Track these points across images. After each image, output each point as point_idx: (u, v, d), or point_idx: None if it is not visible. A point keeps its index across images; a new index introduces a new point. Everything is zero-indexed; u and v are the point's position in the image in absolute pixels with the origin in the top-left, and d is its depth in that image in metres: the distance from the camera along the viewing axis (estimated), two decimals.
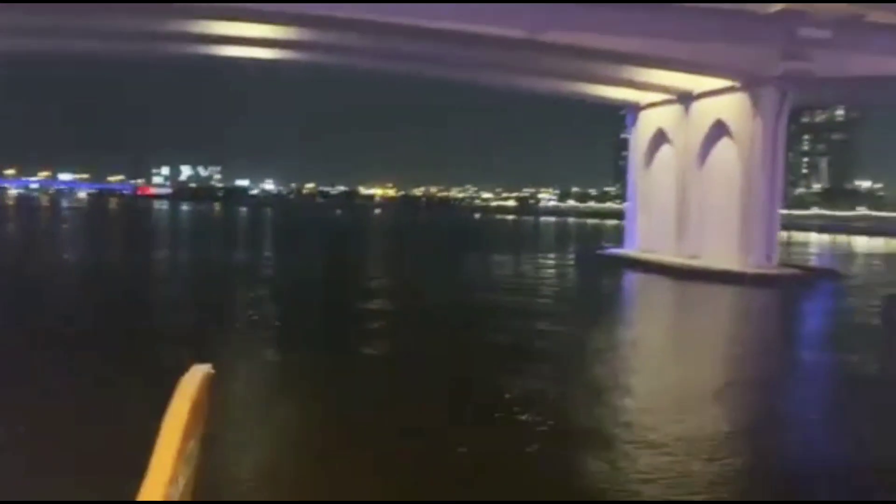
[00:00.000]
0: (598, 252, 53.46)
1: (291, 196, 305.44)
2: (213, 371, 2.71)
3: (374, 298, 30.04)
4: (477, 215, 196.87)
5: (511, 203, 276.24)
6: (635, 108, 50.38)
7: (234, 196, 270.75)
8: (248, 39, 36.52)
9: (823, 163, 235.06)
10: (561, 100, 55.09)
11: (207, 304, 27.04)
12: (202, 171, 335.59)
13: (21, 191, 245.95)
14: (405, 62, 43.35)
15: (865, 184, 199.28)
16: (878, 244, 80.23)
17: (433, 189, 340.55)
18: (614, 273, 43.50)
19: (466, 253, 58.84)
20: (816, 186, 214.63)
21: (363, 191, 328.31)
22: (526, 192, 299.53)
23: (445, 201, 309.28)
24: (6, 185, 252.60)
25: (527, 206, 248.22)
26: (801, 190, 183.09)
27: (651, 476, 10.42)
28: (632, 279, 42.00)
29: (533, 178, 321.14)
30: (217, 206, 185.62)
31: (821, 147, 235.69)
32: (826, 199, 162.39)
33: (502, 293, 33.13)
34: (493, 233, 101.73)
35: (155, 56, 42.14)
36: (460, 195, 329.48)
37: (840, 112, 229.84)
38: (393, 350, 19.84)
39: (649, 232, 49.09)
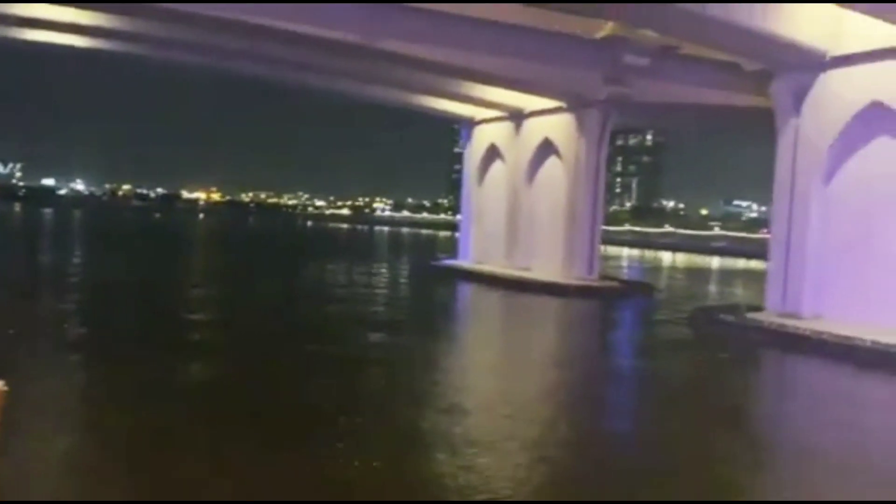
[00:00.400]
0: (433, 263, 53.90)
1: (105, 198, 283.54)
2: (5, 388, 2.48)
3: (193, 311, 27.98)
4: (309, 223, 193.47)
5: (345, 211, 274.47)
6: (470, 123, 51.42)
7: (39, 196, 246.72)
8: (54, 24, 32.94)
9: (634, 183, 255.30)
10: (398, 110, 55.12)
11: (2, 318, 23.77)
12: (1, 168, 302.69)
13: None
14: (232, 60, 41.27)
15: (670, 203, 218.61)
16: (681, 259, 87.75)
17: (263, 195, 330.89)
18: (447, 284, 43.94)
19: (297, 261, 57.13)
20: (628, 205, 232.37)
21: (186, 194, 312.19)
22: (360, 201, 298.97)
23: (276, 208, 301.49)
24: None
25: (361, 215, 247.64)
26: (614, 207, 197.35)
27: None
28: (464, 290, 42.60)
29: (368, 188, 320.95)
30: (17, 207, 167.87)
31: (632, 168, 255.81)
32: (636, 216, 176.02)
33: (333, 304, 32.33)
34: (325, 241, 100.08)
35: None
36: (292, 202, 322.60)
37: (649, 137, 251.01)
38: (205, 367, 18.38)
39: (482, 244, 50.21)
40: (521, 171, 46.32)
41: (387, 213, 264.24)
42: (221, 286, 38.87)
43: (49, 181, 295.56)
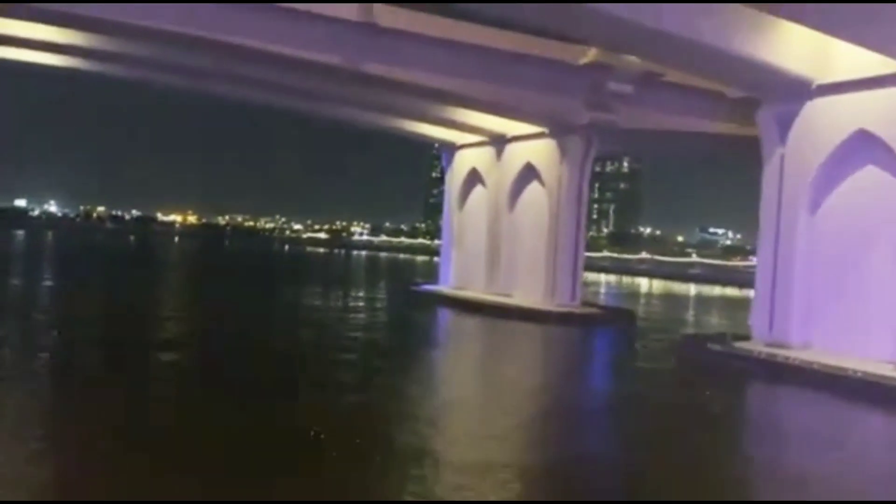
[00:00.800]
0: (412, 288, 53.15)
1: (78, 219, 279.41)
2: None
3: (164, 345, 26.95)
4: (286, 246, 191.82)
5: (323, 235, 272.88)
6: (452, 148, 51.05)
7: (11, 217, 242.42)
8: (29, 41, 32.05)
9: (611, 209, 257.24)
10: (376, 134, 54.63)
11: None
12: None
13: None
14: (208, 81, 40.62)
15: (647, 230, 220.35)
16: (658, 286, 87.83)
17: (239, 218, 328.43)
18: (427, 309, 43.19)
19: (273, 286, 56.04)
20: (605, 230, 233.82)
21: (161, 217, 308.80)
22: (338, 224, 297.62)
23: (253, 231, 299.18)
24: None
25: (339, 239, 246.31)
26: (592, 233, 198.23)
27: None
28: (444, 316, 41.88)
29: (345, 211, 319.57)
30: None
31: (609, 195, 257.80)
32: (613, 242, 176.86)
33: (308, 329, 31.45)
34: (302, 265, 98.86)
35: None
36: (269, 225, 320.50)
37: (626, 163, 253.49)
38: (164, 394, 17.49)
39: (463, 269, 49.59)
40: (502, 195, 45.93)
41: (364, 236, 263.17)
42: (193, 311, 37.74)
43: (21, 202, 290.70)
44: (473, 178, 49.61)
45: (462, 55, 33.92)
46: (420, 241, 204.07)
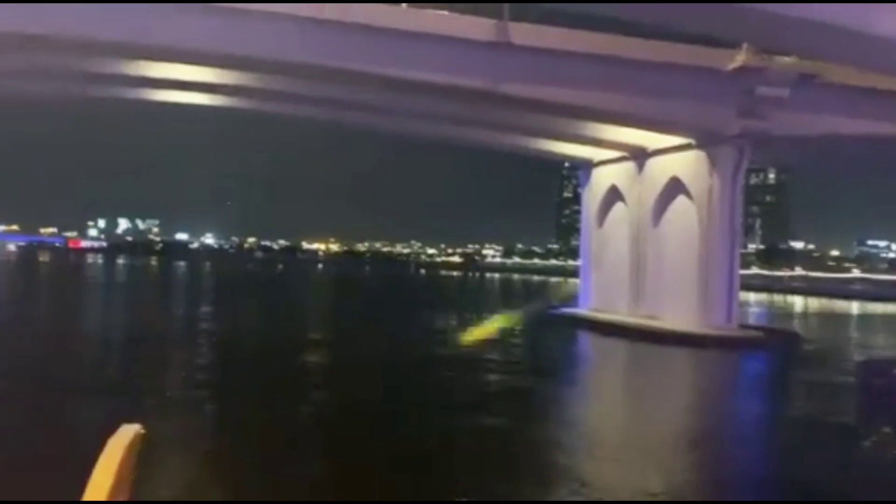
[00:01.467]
0: (549, 311, 51.88)
1: (232, 250, 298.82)
2: (143, 431, 2.80)
3: (312, 374, 27.40)
4: (422, 271, 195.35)
5: (456, 259, 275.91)
6: (588, 165, 49.68)
7: (174, 250, 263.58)
8: (186, 83, 34.25)
9: (757, 224, 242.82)
10: (510, 156, 54.20)
11: (139, 361, 24.06)
12: (140, 224, 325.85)
13: None
14: (353, 113, 41.71)
15: (798, 245, 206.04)
16: (814, 304, 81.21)
17: (377, 244, 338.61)
18: (567, 334, 41.72)
19: (413, 310, 56.58)
20: (751, 247, 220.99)
21: (305, 245, 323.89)
22: (470, 248, 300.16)
23: (390, 257, 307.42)
24: None
25: (472, 263, 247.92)
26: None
27: None
28: (586, 341, 40.34)
29: (477, 235, 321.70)
30: (154, 261, 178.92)
31: (754, 209, 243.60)
32: (764, 258, 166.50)
33: (450, 359, 30.89)
34: (438, 289, 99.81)
35: (88, 99, 39.24)
36: (405, 251, 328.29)
37: (771, 175, 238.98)
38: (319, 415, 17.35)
39: (603, 291, 47.81)
40: (645, 212, 43.91)
41: (497, 259, 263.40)
42: (335, 333, 38.44)
43: (183, 236, 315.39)
44: (613, 195, 47.90)
45: (601, 68, 32.81)
46: (553, 262, 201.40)
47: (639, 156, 43.96)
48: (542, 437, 16.86)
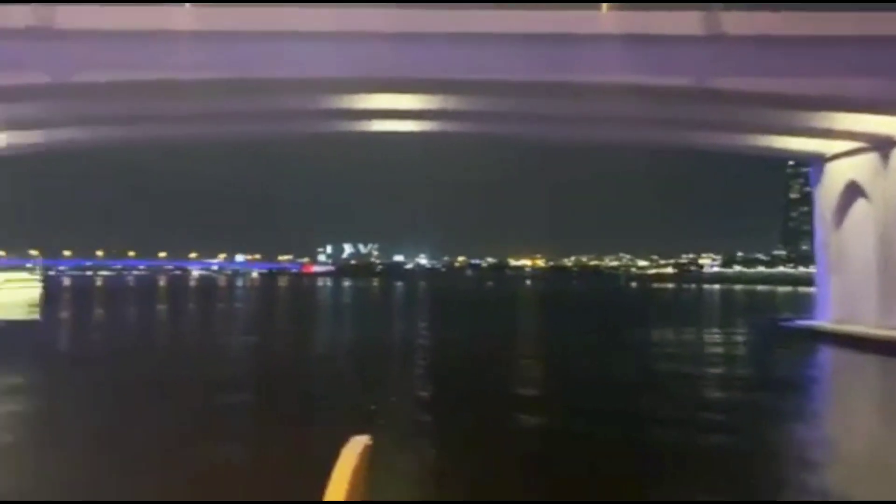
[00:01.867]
0: (782, 324, 47.25)
1: (443, 269, 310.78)
2: (371, 442, 3.08)
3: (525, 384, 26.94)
4: (633, 284, 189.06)
5: (669, 270, 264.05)
6: (820, 160, 44.76)
7: (392, 271, 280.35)
8: (398, 112, 35.75)
9: None
10: (724, 157, 50.46)
11: (372, 377, 25.30)
12: (362, 248, 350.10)
13: (203, 272, 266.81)
14: (558, 126, 41.08)
15: None
16: None
17: (584, 258, 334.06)
18: (804, 349, 37.54)
19: (628, 324, 54.39)
20: None
21: (513, 262, 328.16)
22: (685, 258, 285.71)
23: (597, 270, 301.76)
24: (190, 266, 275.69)
25: (687, 273, 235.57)
26: None
27: None
28: (829, 356, 36.00)
29: (692, 244, 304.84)
30: (375, 282, 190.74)
31: None
32: None
33: (675, 382, 28.83)
34: (652, 302, 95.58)
35: (307, 135, 42.60)
36: (614, 263, 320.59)
37: None
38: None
39: (846, 300, 42.54)
40: (894, 210, 38.49)
41: (714, 269, 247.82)
42: (547, 346, 37.74)
43: (399, 257, 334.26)
44: (852, 191, 42.62)
45: (833, 51, 29.31)
46: (781, 269, 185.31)
47: (883, 145, 38.67)
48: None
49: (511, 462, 15.05)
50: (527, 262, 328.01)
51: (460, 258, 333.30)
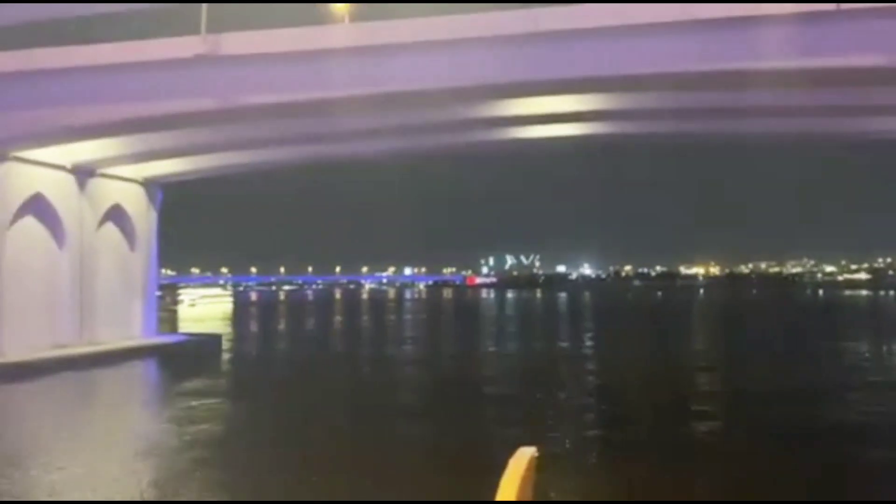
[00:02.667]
0: None
1: (608, 279, 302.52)
2: (538, 453, 3.17)
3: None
4: (820, 291, 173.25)
5: (862, 276, 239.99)
6: None
7: (554, 282, 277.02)
8: (552, 116, 34.19)
9: None
10: None
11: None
12: (524, 260, 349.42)
13: (373, 285, 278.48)
14: (720, 120, 37.58)
15: None
16: None
17: (763, 265, 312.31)
18: None
19: (824, 335, 48.83)
20: None
21: (684, 271, 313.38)
22: (881, 261, 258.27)
23: (778, 278, 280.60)
24: (362, 280, 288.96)
25: (884, 279, 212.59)
26: None
27: None
28: None
29: (888, 245, 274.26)
30: (538, 293, 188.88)
31: None
32: None
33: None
34: (848, 312, 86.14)
35: (461, 146, 42.01)
36: (797, 270, 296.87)
37: None
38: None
39: None
40: None
41: None
42: (732, 375, 34.44)
43: (561, 268, 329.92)
44: None
45: None
46: None
47: None
48: None
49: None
50: (699, 270, 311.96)
51: (626, 267, 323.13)
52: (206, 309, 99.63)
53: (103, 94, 28.01)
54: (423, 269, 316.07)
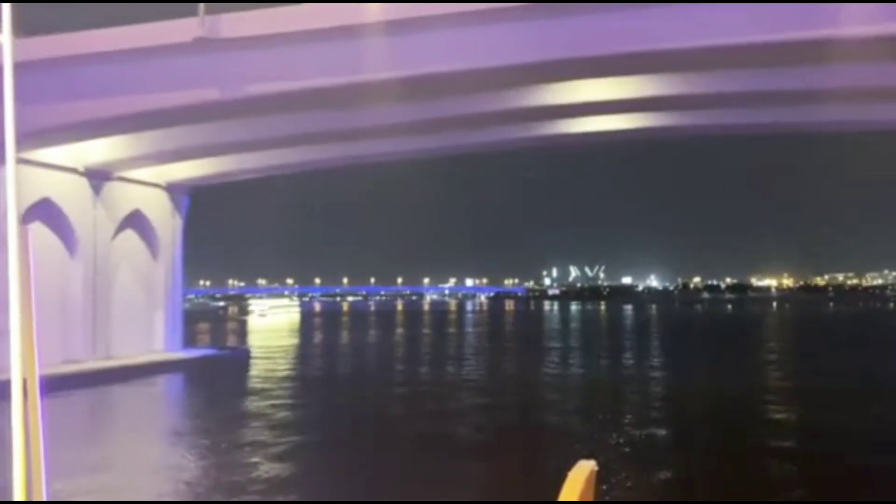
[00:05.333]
0: None
1: (676, 291, 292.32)
2: (597, 467, 3.13)
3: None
4: None
5: None
6: None
7: (620, 294, 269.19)
8: (601, 105, 30.12)
9: None
10: None
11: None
12: (588, 271, 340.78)
13: (435, 296, 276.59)
14: (803, 107, 32.79)
15: None
16: None
17: (840, 276, 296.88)
18: None
19: None
20: None
21: (755, 282, 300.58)
22: None
23: (856, 290, 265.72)
24: (424, 291, 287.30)
25: None
26: None
27: None
28: None
29: None
30: (602, 305, 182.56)
31: None
32: None
33: None
34: None
35: (509, 142, 38.10)
36: (877, 282, 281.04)
37: None
38: None
39: None
40: None
41: None
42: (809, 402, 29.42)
43: (627, 279, 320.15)
44: None
45: None
46: None
47: None
48: None
49: None
50: (772, 282, 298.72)
51: (695, 279, 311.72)
52: (275, 319, 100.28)
53: (93, 86, 25.46)
54: (485, 280, 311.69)
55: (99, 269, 35.08)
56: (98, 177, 34.73)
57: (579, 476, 2.95)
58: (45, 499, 2.14)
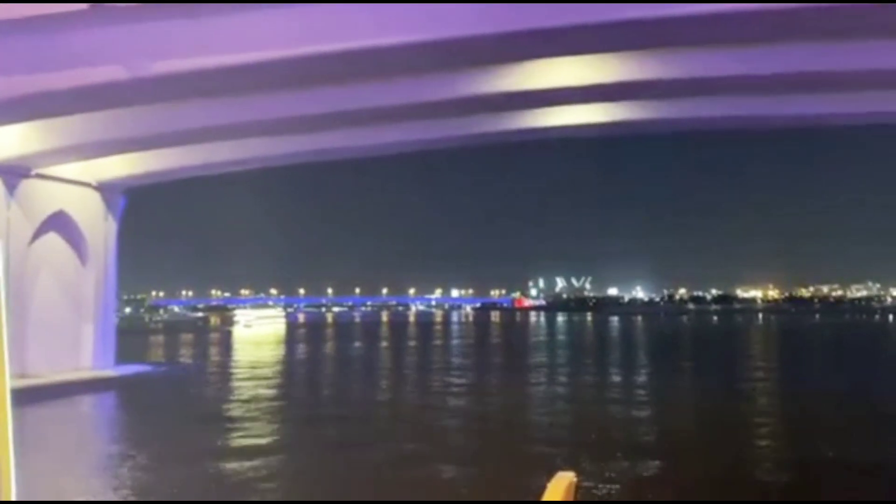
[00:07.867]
0: None
1: (662, 303, 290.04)
2: (576, 479, 3.12)
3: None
4: (891, 317, 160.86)
5: None
6: None
7: (605, 305, 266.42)
8: (562, 92, 26.83)
9: None
10: None
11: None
12: (574, 282, 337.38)
13: (421, 307, 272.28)
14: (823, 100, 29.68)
15: None
16: None
17: (825, 289, 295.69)
18: None
19: None
20: None
21: (741, 294, 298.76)
22: None
23: (840, 302, 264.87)
24: (409, 302, 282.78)
25: None
26: None
27: None
28: None
29: None
30: (589, 316, 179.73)
31: None
32: None
33: None
34: None
35: (463, 139, 34.77)
36: (861, 294, 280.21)
37: None
38: None
39: None
40: None
41: None
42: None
43: (613, 290, 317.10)
44: None
45: None
46: None
47: None
48: None
49: None
50: (757, 294, 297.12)
51: (681, 290, 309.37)
52: (260, 331, 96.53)
53: None
54: (471, 291, 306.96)
55: (12, 277, 31.34)
56: (12, 173, 31.09)
57: (558, 487, 2.99)
58: (13, 499, 2.22)
